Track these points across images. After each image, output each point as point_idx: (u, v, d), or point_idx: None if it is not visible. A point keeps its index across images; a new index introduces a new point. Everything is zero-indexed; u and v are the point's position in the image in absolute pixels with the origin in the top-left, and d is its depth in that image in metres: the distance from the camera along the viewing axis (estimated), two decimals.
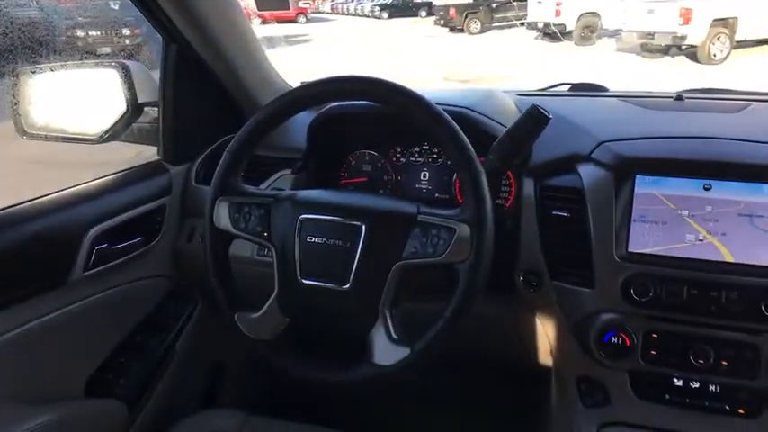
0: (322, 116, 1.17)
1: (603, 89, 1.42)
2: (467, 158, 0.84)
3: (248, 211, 0.93)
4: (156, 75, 1.25)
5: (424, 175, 1.24)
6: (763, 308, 0.88)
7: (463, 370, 1.43)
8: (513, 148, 0.97)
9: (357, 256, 0.86)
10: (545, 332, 1.07)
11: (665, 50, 8.77)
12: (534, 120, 0.94)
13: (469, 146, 0.85)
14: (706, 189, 0.94)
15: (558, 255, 1.02)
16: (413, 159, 1.24)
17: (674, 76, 7.47)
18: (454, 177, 1.21)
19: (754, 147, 0.95)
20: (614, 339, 0.95)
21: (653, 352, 0.94)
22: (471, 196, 0.84)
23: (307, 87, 0.94)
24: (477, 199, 0.83)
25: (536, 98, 1.35)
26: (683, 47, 8.42)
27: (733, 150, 0.95)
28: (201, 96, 1.29)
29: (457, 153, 0.85)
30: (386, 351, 0.85)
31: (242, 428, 1.02)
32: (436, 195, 1.23)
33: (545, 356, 1.11)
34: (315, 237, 0.89)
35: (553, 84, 1.49)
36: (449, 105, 1.06)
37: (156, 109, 1.27)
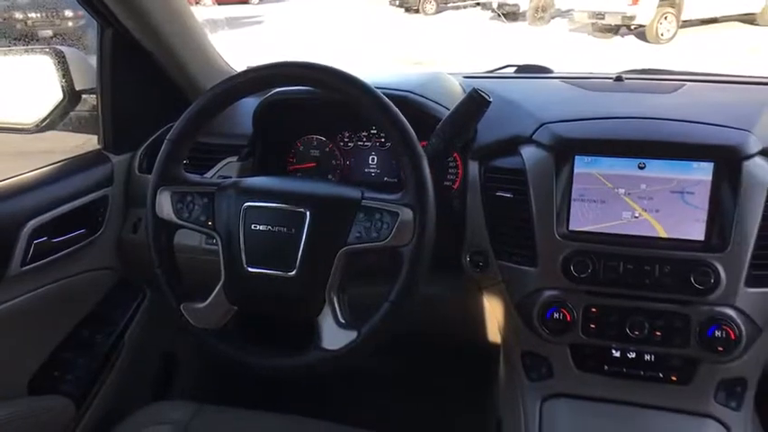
0: (267, 102, 1.16)
1: (548, 71, 1.44)
2: (407, 143, 0.85)
3: (191, 200, 0.92)
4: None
5: (373, 159, 1.24)
6: (692, 280, 0.93)
7: (414, 350, 1.46)
8: (455, 131, 0.98)
9: (302, 242, 0.87)
10: (492, 310, 1.10)
11: (615, 30, 8.95)
12: (475, 103, 0.96)
13: (410, 130, 0.86)
14: (640, 168, 0.98)
15: (502, 235, 1.04)
16: (361, 144, 1.24)
17: (622, 55, 7.65)
18: None
19: (686, 126, 0.99)
20: (556, 315, 0.98)
21: (592, 326, 0.98)
22: (412, 180, 0.85)
23: (246, 73, 0.93)
24: (418, 183, 0.85)
25: (482, 80, 1.36)
26: (633, 27, 8.62)
27: (666, 130, 0.99)
28: (142, 82, 1.26)
29: (397, 137, 0.86)
30: (333, 335, 0.86)
31: (193, 419, 1.01)
32: (385, 179, 1.24)
33: (493, 334, 1.14)
34: (259, 224, 0.88)
35: (500, 66, 1.51)
36: (392, 89, 1.07)
37: (96, 96, 1.23)
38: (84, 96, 1.23)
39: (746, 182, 0.93)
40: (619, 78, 1.26)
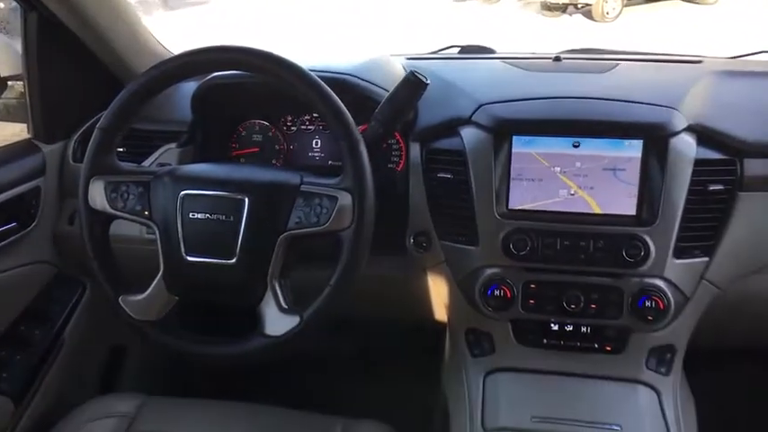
0: (205, 86, 1.13)
1: (491, 51, 1.46)
2: (344, 126, 0.85)
3: (126, 190, 0.90)
4: None
5: (317, 143, 1.23)
6: (623, 253, 0.97)
7: (365, 331, 1.47)
8: (393, 114, 0.99)
9: (241, 229, 0.86)
10: (436, 290, 1.12)
11: (564, 9, 9.09)
12: (412, 85, 0.96)
13: (346, 114, 0.86)
14: (575, 146, 1.01)
15: (444, 216, 1.06)
16: (304, 128, 1.23)
17: (568, 34, 7.78)
18: None
19: (617, 105, 1.02)
20: (497, 292, 1.00)
21: (531, 301, 1.01)
22: (350, 164, 0.85)
23: (180, 57, 0.91)
24: (355, 166, 0.85)
25: (425, 62, 1.36)
26: (580, 5, 8.76)
27: (598, 109, 1.02)
28: (73, 67, 1.21)
29: (334, 121, 0.86)
30: (276, 321, 0.87)
31: (140, 411, 1.00)
32: (330, 163, 1.24)
33: (440, 313, 1.17)
34: (197, 213, 0.87)
35: (444, 46, 1.52)
36: (331, 72, 1.06)
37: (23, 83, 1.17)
38: (10, 84, 1.18)
39: (673, 158, 0.97)
40: (557, 59, 1.28)
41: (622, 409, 0.97)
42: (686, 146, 0.98)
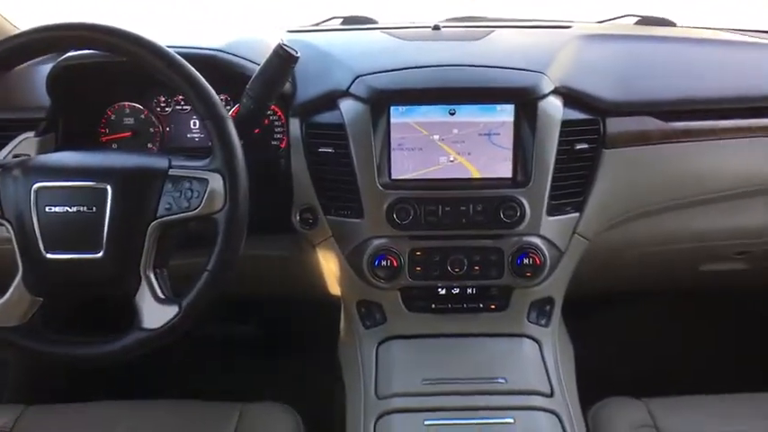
0: (59, 67, 1.04)
1: (373, 21, 1.44)
2: (208, 104, 0.82)
3: None
4: None
5: (194, 124, 1.18)
6: (501, 215, 1.01)
7: (261, 312, 1.45)
8: (265, 89, 0.95)
9: (106, 220, 0.81)
10: (327, 265, 1.12)
11: None
12: (281, 59, 0.93)
13: (209, 89, 0.82)
14: (451, 114, 1.02)
15: (328, 190, 1.05)
16: (179, 108, 1.17)
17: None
18: None
19: (488, 71, 1.05)
20: (384, 262, 1.02)
21: (418, 268, 1.03)
22: (218, 143, 0.82)
23: (19, 36, 0.83)
24: (224, 146, 0.82)
25: (306, 34, 1.33)
26: None
27: (471, 76, 1.04)
28: None
29: (197, 100, 0.82)
30: (154, 313, 0.83)
31: (18, 422, 0.93)
32: (210, 143, 1.19)
33: (333, 288, 1.17)
34: (54, 206, 0.81)
35: (326, 18, 1.49)
36: (199, 49, 1.01)
37: None
38: None
39: (542, 120, 1.01)
40: (436, 27, 1.29)
41: (507, 362, 1.02)
42: (553, 108, 1.02)
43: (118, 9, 1.73)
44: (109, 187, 0.81)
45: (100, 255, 0.81)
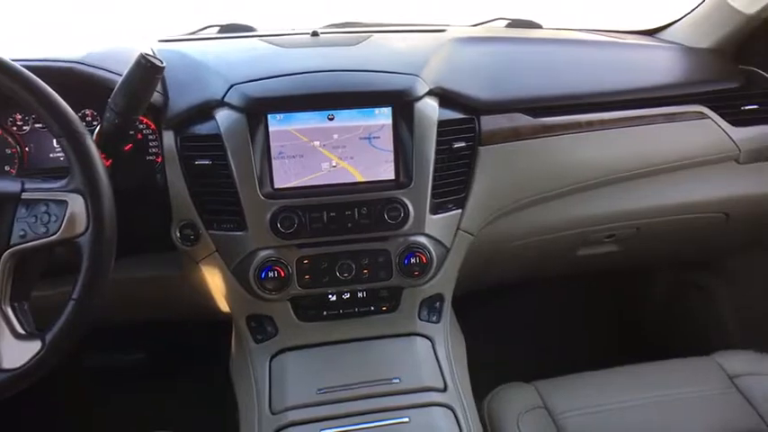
0: None
1: (251, 29, 1.41)
2: (61, 120, 0.76)
3: None
4: None
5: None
6: (385, 216, 1.02)
7: (151, 336, 1.38)
8: (129, 102, 0.90)
9: None
10: (213, 282, 1.08)
11: None
12: (144, 69, 0.89)
13: (62, 105, 0.77)
14: (330, 119, 1.02)
15: (208, 204, 1.01)
16: (39, 126, 1.08)
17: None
18: None
19: (365, 75, 1.06)
20: (271, 274, 1.00)
21: (307, 277, 1.02)
22: (76, 162, 0.77)
23: None
24: (83, 164, 0.77)
25: (179, 44, 1.28)
26: None
27: (347, 81, 1.04)
28: None
29: (48, 116, 0.76)
30: (14, 351, 0.76)
31: None
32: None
33: (222, 305, 1.13)
34: None
35: (202, 26, 1.44)
36: (53, 61, 0.94)
37: None
38: None
39: (419, 121, 1.03)
40: (315, 33, 1.29)
41: (401, 361, 1.03)
42: (430, 109, 1.05)
43: None
44: None
45: None
